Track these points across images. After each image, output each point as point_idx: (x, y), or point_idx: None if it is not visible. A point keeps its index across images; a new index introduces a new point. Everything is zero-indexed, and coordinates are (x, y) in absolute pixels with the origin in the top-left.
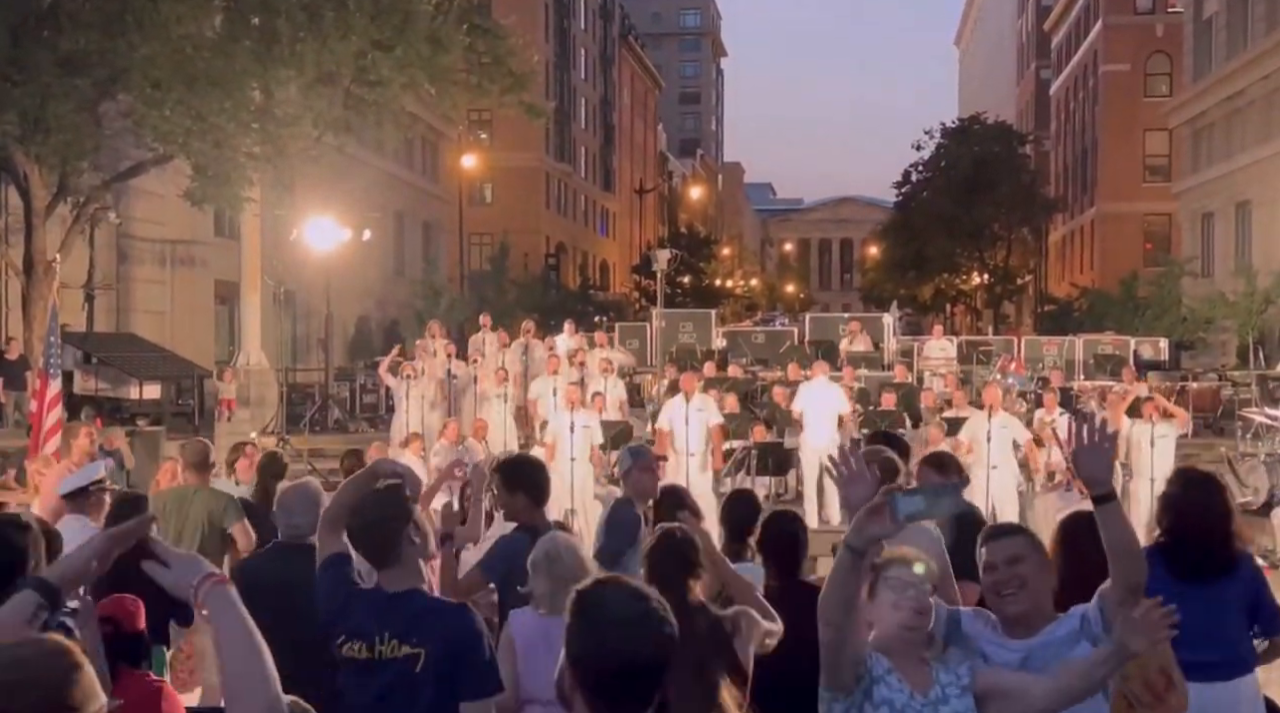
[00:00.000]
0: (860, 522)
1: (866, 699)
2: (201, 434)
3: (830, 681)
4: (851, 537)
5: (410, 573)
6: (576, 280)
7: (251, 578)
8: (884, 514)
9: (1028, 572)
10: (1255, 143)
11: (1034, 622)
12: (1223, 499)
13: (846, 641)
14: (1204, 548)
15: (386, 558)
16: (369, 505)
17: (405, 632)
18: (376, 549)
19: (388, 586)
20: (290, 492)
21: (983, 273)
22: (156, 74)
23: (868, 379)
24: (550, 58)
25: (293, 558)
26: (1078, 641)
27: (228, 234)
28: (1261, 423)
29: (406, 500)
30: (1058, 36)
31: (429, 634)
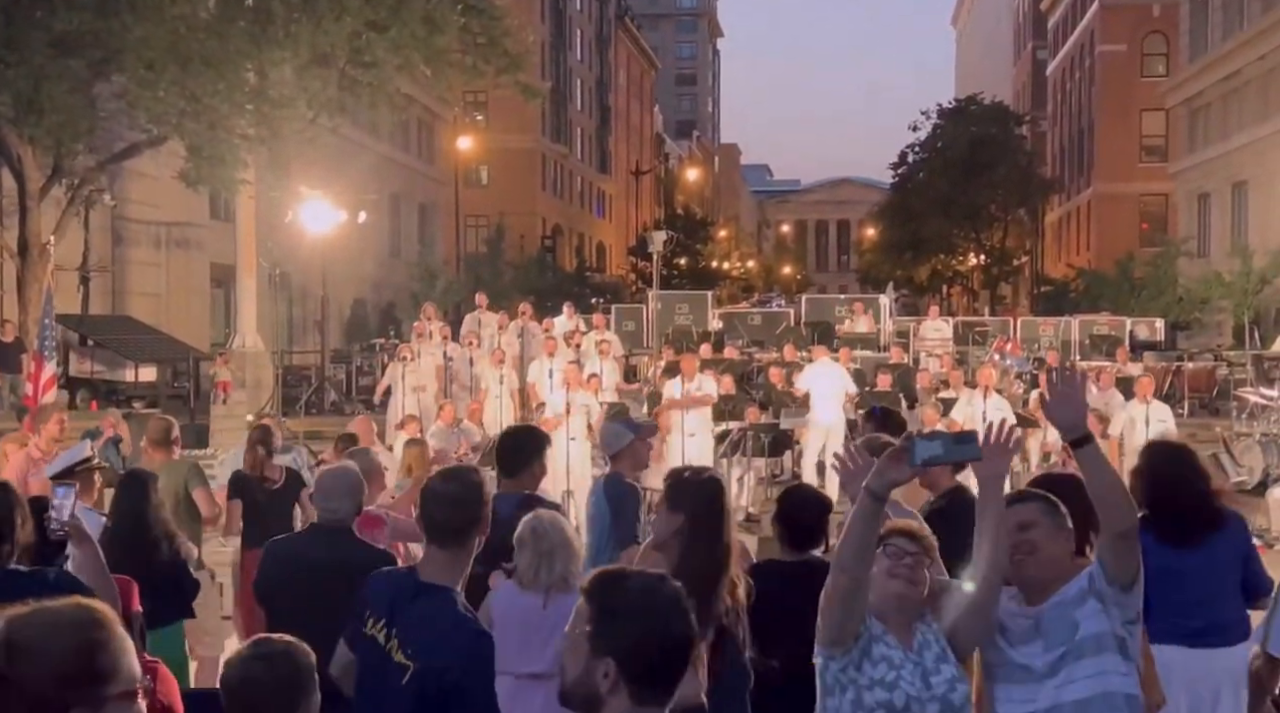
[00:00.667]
0: (881, 466)
1: (865, 657)
2: (197, 417)
3: (832, 637)
4: (873, 481)
5: (455, 567)
6: (573, 262)
7: (286, 556)
8: (903, 459)
9: (1039, 537)
10: (1252, 123)
11: (1049, 586)
12: (1191, 464)
13: (859, 591)
14: (1184, 513)
15: (451, 538)
16: (460, 479)
17: (408, 637)
18: (446, 524)
19: (426, 570)
20: (329, 476)
21: (979, 254)
22: (150, 55)
23: (864, 360)
24: (546, 39)
25: (328, 540)
26: (1086, 598)
27: (223, 216)
28: (1257, 403)
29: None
30: (1054, 17)
31: (428, 652)
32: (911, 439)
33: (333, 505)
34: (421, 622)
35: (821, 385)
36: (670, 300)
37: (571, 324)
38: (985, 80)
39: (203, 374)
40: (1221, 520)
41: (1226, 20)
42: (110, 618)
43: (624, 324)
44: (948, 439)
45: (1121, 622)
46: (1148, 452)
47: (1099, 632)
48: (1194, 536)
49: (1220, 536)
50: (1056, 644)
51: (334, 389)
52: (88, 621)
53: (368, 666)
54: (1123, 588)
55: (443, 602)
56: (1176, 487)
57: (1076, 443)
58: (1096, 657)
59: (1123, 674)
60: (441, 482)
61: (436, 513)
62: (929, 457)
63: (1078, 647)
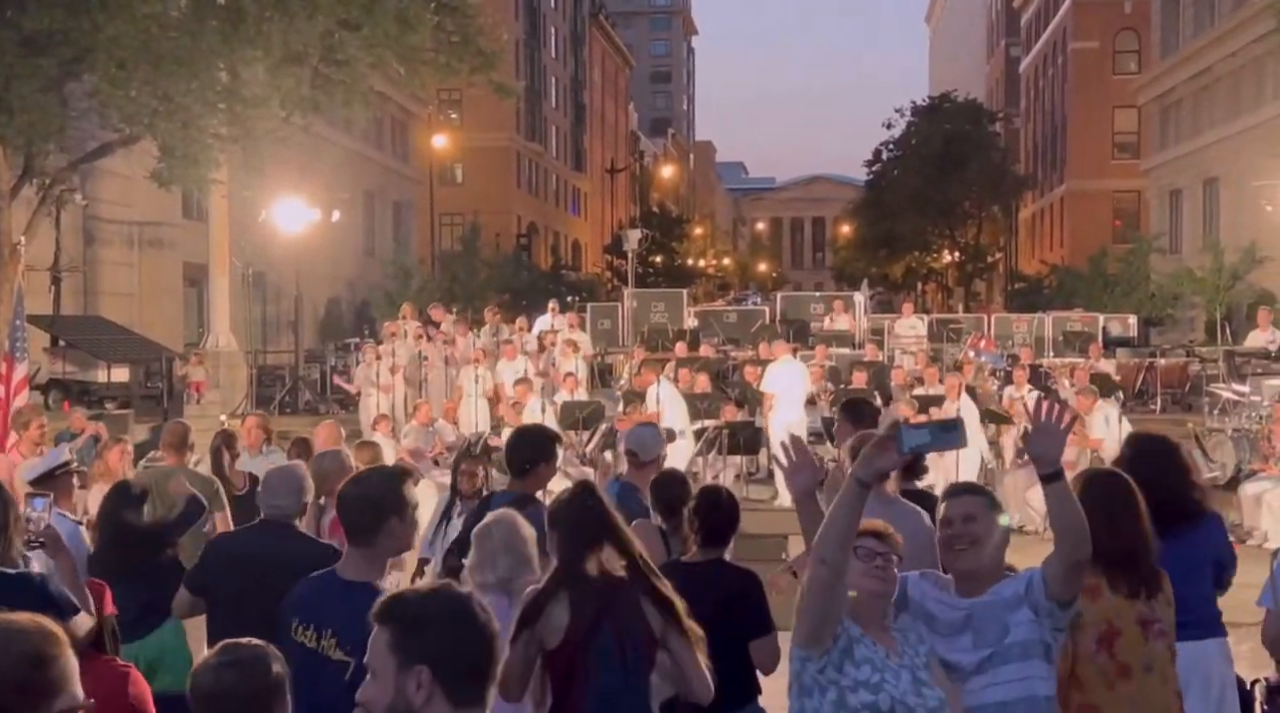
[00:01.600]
0: (869, 454)
1: (847, 658)
2: (170, 417)
3: (810, 635)
4: (859, 469)
5: (374, 564)
6: (548, 260)
7: (233, 550)
8: (891, 447)
9: (980, 530)
10: (1223, 120)
11: (983, 579)
12: (1177, 458)
13: (839, 584)
14: (1163, 505)
15: (361, 537)
16: (368, 480)
17: (345, 635)
18: (355, 526)
19: (345, 569)
20: (275, 473)
21: (953, 251)
22: (122, 54)
23: (839, 358)
24: (520, 36)
25: (275, 536)
26: (1020, 604)
27: (196, 216)
28: (1228, 399)
29: (407, 487)
30: (1027, 14)
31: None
32: (899, 427)
33: (277, 502)
34: (355, 617)
35: (784, 384)
36: (646, 298)
37: (556, 323)
38: (959, 78)
39: (176, 374)
40: (1200, 517)
41: (1197, 17)
42: (63, 638)
43: (599, 322)
44: (935, 427)
45: (1051, 629)
46: (1132, 441)
47: (1028, 639)
48: (1170, 528)
49: (1196, 532)
50: (985, 644)
51: (308, 389)
52: (43, 634)
53: (302, 670)
54: (1061, 605)
55: (365, 596)
56: (1158, 478)
57: (1048, 477)
58: (1023, 662)
59: (1044, 678)
60: (353, 485)
61: (350, 515)
62: (916, 445)
63: (1006, 651)
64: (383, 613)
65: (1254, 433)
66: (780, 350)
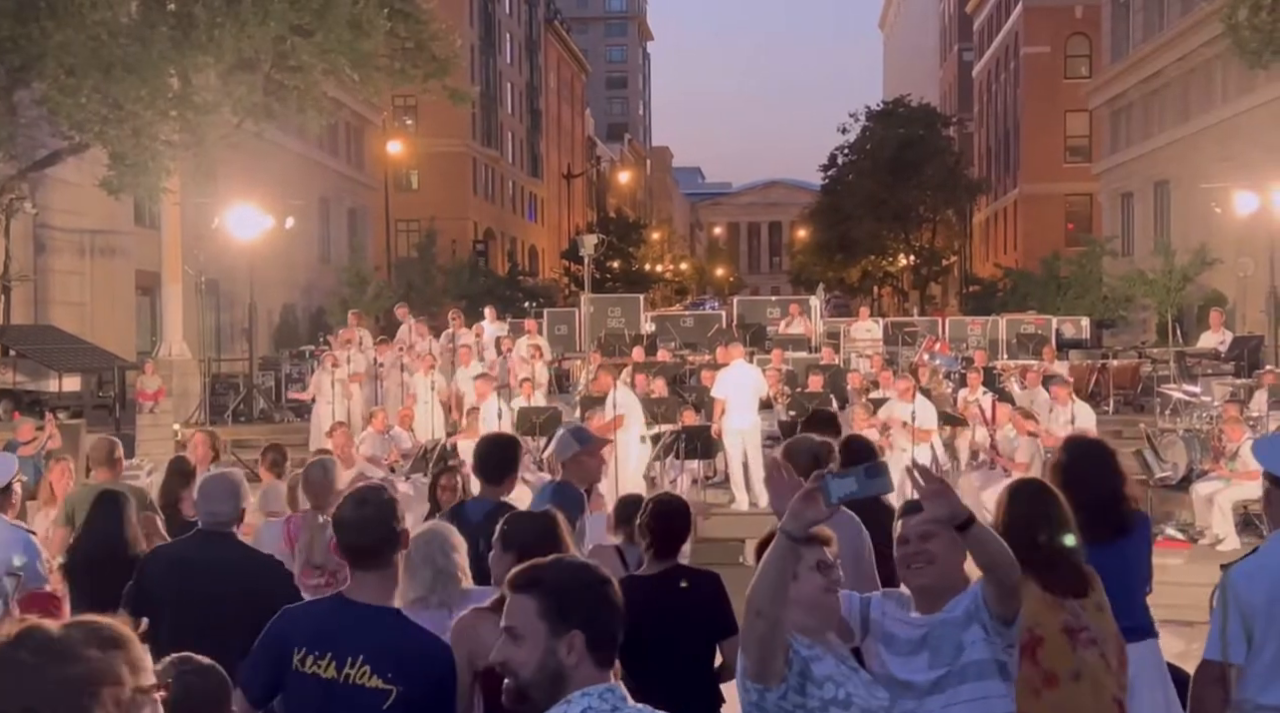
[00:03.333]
0: (796, 508)
1: (807, 680)
2: (123, 426)
3: (760, 673)
4: (789, 524)
5: (387, 586)
6: (505, 266)
7: (172, 560)
8: (818, 499)
9: (937, 549)
10: (1173, 123)
11: (941, 595)
12: (1112, 464)
13: (777, 631)
14: (1098, 512)
15: (372, 563)
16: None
17: (380, 662)
18: (367, 551)
19: (356, 592)
20: (211, 480)
21: (909, 255)
22: (71, 61)
23: (795, 362)
24: (475, 42)
25: (213, 545)
26: (971, 622)
27: (148, 223)
28: (1180, 399)
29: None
30: (979, 19)
31: (410, 674)
32: (824, 479)
33: (214, 509)
34: (392, 644)
35: (736, 390)
36: (603, 304)
37: (495, 328)
38: (913, 82)
39: (129, 383)
40: (1132, 521)
41: (1147, 22)
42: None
43: (556, 328)
44: (860, 475)
45: (1003, 647)
46: (1067, 446)
47: (982, 658)
48: (1103, 533)
49: (1129, 537)
50: (941, 663)
51: (263, 397)
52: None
53: (320, 702)
54: (1004, 622)
55: (395, 621)
56: (1092, 483)
57: (962, 528)
58: (980, 682)
59: (1002, 697)
60: (354, 507)
61: (354, 539)
62: (844, 494)
63: (962, 670)
64: (529, 582)
65: (1205, 433)
66: (734, 354)
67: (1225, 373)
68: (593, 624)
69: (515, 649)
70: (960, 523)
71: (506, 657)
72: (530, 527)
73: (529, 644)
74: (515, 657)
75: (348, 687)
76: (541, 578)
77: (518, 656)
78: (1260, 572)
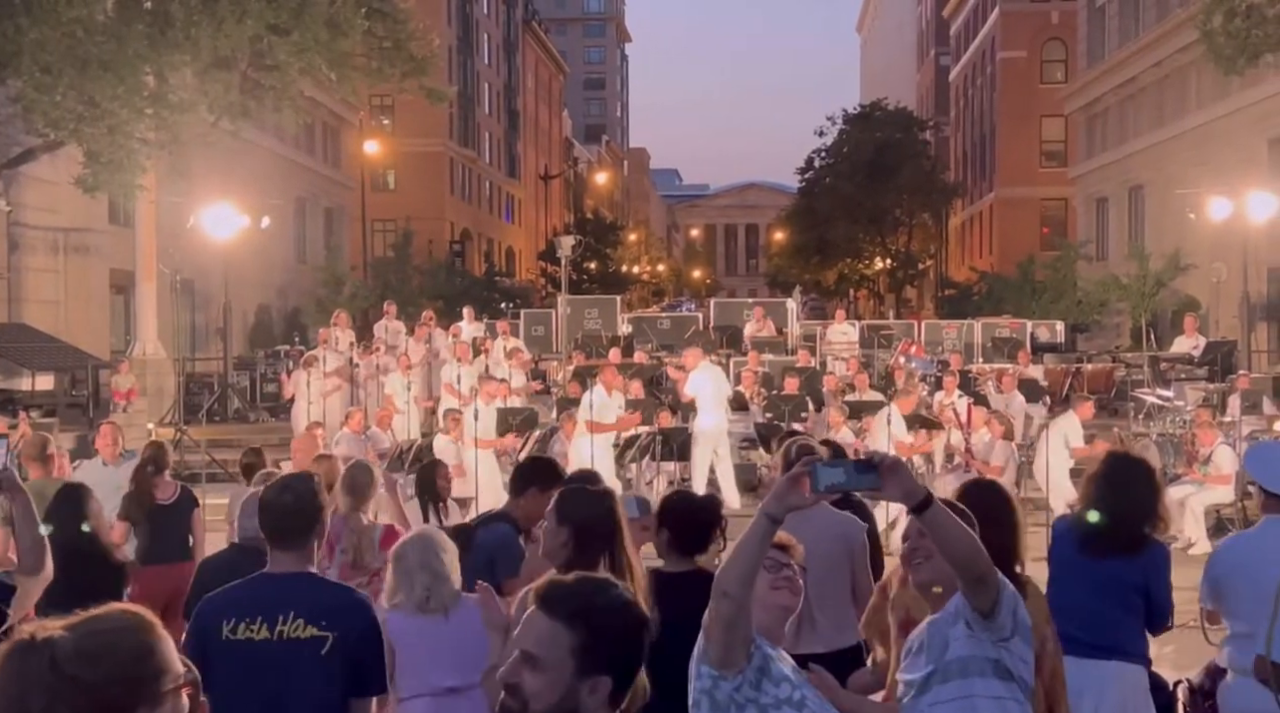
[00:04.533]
0: (781, 490)
1: (764, 676)
2: (96, 426)
3: (722, 659)
4: (771, 505)
5: (304, 559)
6: (482, 267)
7: (213, 576)
8: (804, 484)
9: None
10: (1148, 128)
11: (947, 592)
12: (1145, 485)
13: (743, 615)
14: (1107, 526)
15: (292, 543)
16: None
17: (312, 613)
18: (287, 532)
19: (276, 568)
20: (250, 498)
21: (885, 258)
22: (47, 58)
23: (771, 364)
24: (453, 43)
25: (251, 557)
26: (958, 619)
27: (123, 222)
28: (1153, 403)
29: (323, 502)
30: (956, 23)
31: (340, 620)
32: (814, 466)
33: (246, 524)
34: (319, 598)
35: (706, 390)
36: (579, 305)
37: (472, 329)
38: (890, 86)
39: (102, 382)
40: (1142, 545)
41: (1123, 28)
42: (154, 621)
43: (533, 329)
44: (849, 467)
45: (993, 642)
46: (1109, 459)
47: (966, 655)
48: (1103, 548)
49: (1129, 562)
50: (930, 661)
51: (237, 396)
52: (139, 625)
53: (250, 667)
54: (984, 616)
55: (316, 580)
56: (1117, 498)
57: (919, 509)
58: (963, 680)
59: (994, 698)
60: (277, 492)
61: (275, 521)
62: (831, 484)
63: (945, 668)
64: (570, 614)
65: (1178, 437)
66: (695, 358)
67: (1198, 378)
68: (624, 672)
69: (532, 677)
70: (915, 504)
71: (519, 681)
72: (588, 501)
73: (550, 677)
74: (531, 685)
75: (283, 643)
76: (583, 612)
77: (534, 684)
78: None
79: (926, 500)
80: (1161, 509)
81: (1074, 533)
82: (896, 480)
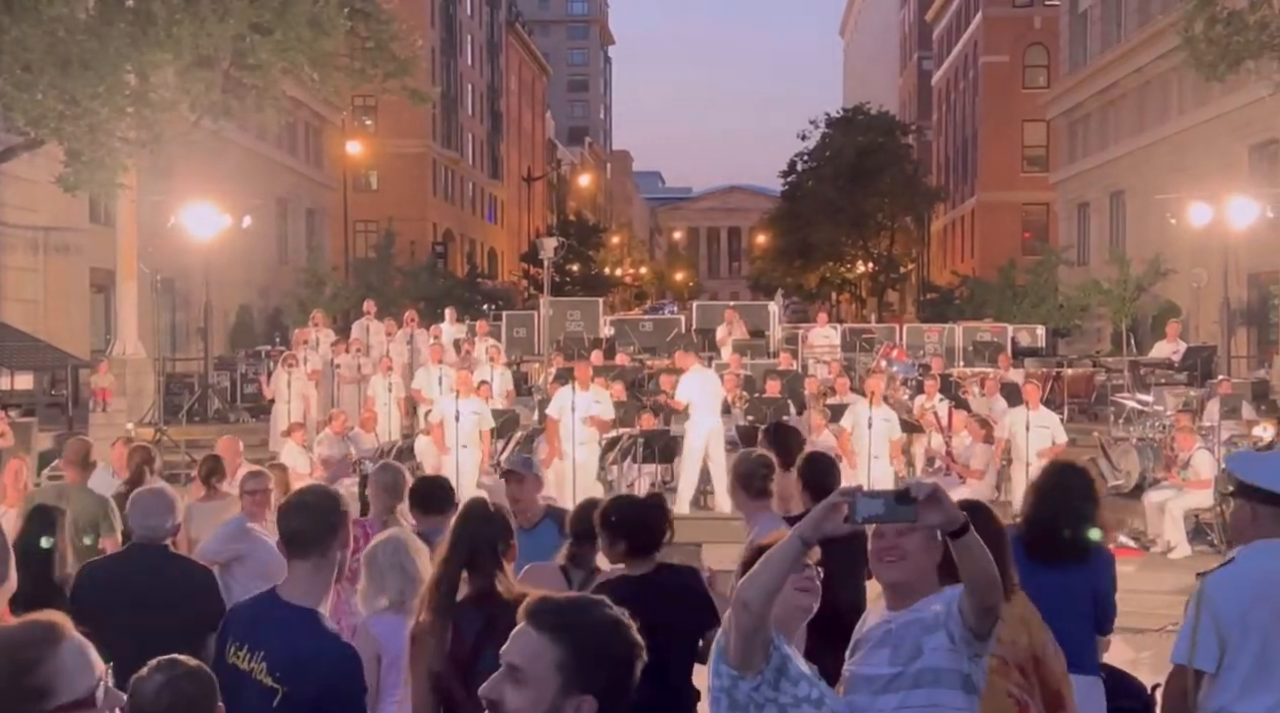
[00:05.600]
0: (818, 516)
1: (782, 676)
2: (75, 426)
3: (741, 663)
4: (805, 529)
5: (318, 582)
6: (464, 268)
7: (108, 577)
8: (841, 512)
9: (911, 545)
10: (1129, 134)
11: (912, 592)
12: (1083, 490)
13: (762, 628)
14: (1053, 533)
15: (308, 551)
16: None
17: (274, 661)
18: (302, 536)
19: (288, 590)
20: (146, 494)
21: (867, 261)
22: (27, 56)
23: (753, 366)
24: (436, 44)
25: (148, 557)
26: (938, 628)
27: (103, 221)
28: (1133, 408)
29: (345, 516)
30: (939, 28)
31: (297, 678)
32: (854, 496)
33: (150, 523)
34: (285, 644)
35: (699, 394)
36: (562, 307)
37: (455, 331)
38: (872, 90)
39: (82, 382)
40: (1086, 554)
41: (1104, 34)
42: (55, 633)
43: (515, 330)
44: (890, 499)
45: (969, 657)
46: (1049, 468)
47: (940, 666)
48: (1055, 556)
49: (1080, 568)
50: (899, 661)
51: (218, 397)
52: (24, 641)
53: (233, 693)
54: (979, 637)
55: (304, 621)
56: (1059, 505)
57: (956, 534)
58: (933, 688)
59: (958, 708)
60: (298, 495)
61: (294, 524)
62: (869, 515)
63: (917, 675)
64: (556, 627)
65: (1158, 442)
66: (690, 360)
67: (1178, 382)
68: (610, 695)
69: (514, 693)
70: (955, 529)
71: (501, 697)
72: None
73: (533, 693)
74: (512, 701)
75: (249, 680)
76: (571, 627)
77: (515, 700)
78: (1236, 581)
79: (965, 527)
80: (1101, 517)
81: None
82: (939, 509)
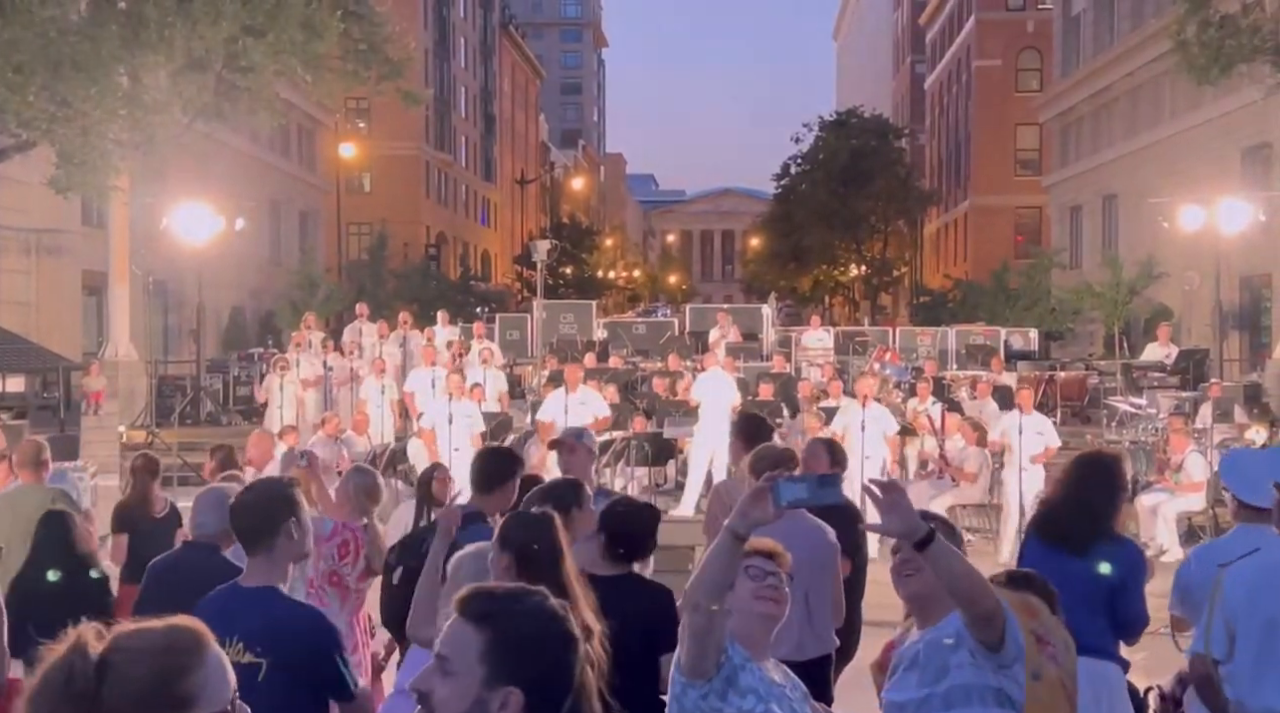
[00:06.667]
0: (744, 506)
1: (730, 687)
2: (67, 428)
3: (691, 668)
4: (734, 521)
5: (275, 569)
6: (457, 271)
7: (166, 575)
8: (767, 500)
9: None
10: (1121, 138)
11: (931, 605)
12: (1108, 481)
13: (714, 627)
14: (1069, 520)
15: (258, 544)
16: (258, 487)
17: (250, 638)
18: (251, 531)
19: (247, 579)
20: (204, 495)
21: (860, 265)
22: (19, 58)
23: (746, 369)
24: (429, 46)
25: (200, 556)
26: (960, 646)
27: (96, 223)
28: (1126, 411)
29: (297, 493)
30: (932, 31)
31: (278, 647)
32: (776, 481)
33: (199, 520)
34: (255, 618)
35: (712, 395)
36: (555, 310)
37: (448, 333)
38: (865, 93)
39: (74, 385)
40: (1108, 541)
41: (1097, 37)
42: (201, 642)
43: (508, 333)
44: (812, 482)
45: (994, 669)
46: (1080, 456)
47: (968, 683)
48: (1067, 543)
49: (1095, 559)
50: (926, 683)
51: (210, 399)
52: (175, 647)
53: None
54: (989, 648)
55: (270, 597)
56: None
57: (920, 545)
58: (966, 707)
59: None
60: (244, 493)
61: (242, 522)
62: (794, 499)
63: (947, 694)
64: (479, 615)
65: (1150, 445)
66: (710, 362)
67: (1171, 386)
68: (538, 688)
69: (441, 684)
70: (917, 540)
71: (430, 688)
72: (527, 526)
73: (458, 685)
74: (438, 692)
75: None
76: (495, 614)
77: (441, 692)
78: (1244, 570)
79: (928, 538)
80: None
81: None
82: (896, 515)
